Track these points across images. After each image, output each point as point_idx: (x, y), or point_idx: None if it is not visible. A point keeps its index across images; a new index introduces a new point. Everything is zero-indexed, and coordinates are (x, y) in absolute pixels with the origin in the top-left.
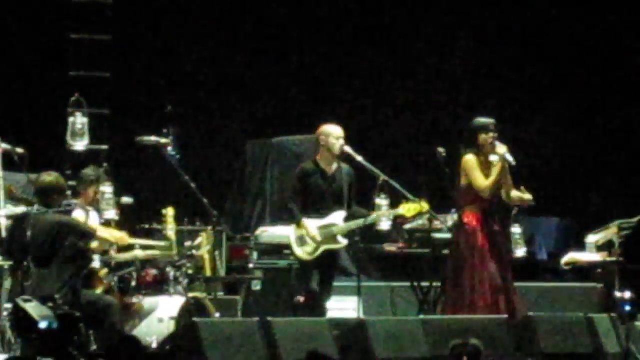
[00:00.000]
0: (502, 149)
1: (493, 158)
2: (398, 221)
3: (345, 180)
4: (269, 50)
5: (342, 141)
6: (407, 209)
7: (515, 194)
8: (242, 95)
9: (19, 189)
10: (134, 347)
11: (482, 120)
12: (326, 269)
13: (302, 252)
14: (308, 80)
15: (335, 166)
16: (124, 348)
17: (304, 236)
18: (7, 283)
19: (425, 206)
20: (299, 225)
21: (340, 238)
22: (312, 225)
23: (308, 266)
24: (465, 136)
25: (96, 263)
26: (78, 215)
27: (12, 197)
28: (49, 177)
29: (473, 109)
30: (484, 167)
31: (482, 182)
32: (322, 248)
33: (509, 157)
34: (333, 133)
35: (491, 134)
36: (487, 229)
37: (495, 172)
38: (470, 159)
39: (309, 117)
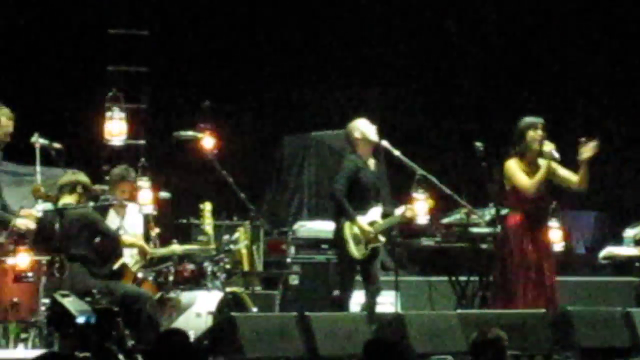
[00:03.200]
0: (549, 146)
1: (541, 161)
2: (435, 215)
3: (380, 176)
4: (306, 45)
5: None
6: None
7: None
8: (279, 89)
9: (45, 187)
10: (183, 341)
11: (531, 118)
12: (371, 265)
13: (357, 251)
14: (345, 74)
15: (372, 161)
16: (172, 341)
17: (358, 234)
18: (44, 278)
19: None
20: (353, 222)
21: (380, 235)
22: (364, 222)
23: (355, 264)
24: (514, 135)
25: (127, 259)
26: (111, 217)
27: (39, 196)
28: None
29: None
30: (529, 169)
31: (526, 181)
32: (370, 246)
33: (555, 154)
34: (366, 124)
35: (539, 132)
36: (529, 229)
37: (542, 170)
38: (511, 164)
39: (346, 112)
